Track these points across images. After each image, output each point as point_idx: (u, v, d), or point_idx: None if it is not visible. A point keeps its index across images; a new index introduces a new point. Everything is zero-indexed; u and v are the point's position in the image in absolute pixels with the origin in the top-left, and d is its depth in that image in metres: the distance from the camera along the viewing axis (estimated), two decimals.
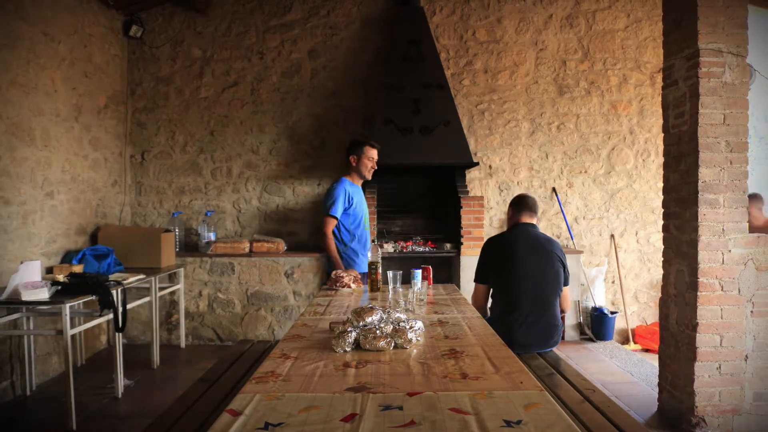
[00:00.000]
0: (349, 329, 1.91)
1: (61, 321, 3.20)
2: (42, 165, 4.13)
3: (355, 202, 3.70)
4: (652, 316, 5.43)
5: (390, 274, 3.00)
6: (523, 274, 3.04)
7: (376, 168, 3.79)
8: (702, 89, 3.08)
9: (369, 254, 3.03)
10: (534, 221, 3.22)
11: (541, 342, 3.08)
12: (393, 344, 1.88)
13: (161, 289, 4.74)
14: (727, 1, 3.07)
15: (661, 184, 3.61)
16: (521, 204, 3.23)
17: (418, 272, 3.00)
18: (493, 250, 3.19)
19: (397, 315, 2.06)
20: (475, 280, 3.23)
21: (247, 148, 5.60)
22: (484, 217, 5.24)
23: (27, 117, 3.93)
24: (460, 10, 5.52)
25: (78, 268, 4.05)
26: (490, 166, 5.56)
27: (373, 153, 3.74)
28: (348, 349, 1.86)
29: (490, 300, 3.24)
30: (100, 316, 3.54)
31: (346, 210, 3.66)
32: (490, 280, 3.16)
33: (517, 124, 5.55)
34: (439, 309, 2.70)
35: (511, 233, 3.20)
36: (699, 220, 3.09)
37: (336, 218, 3.65)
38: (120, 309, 3.59)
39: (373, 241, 3.02)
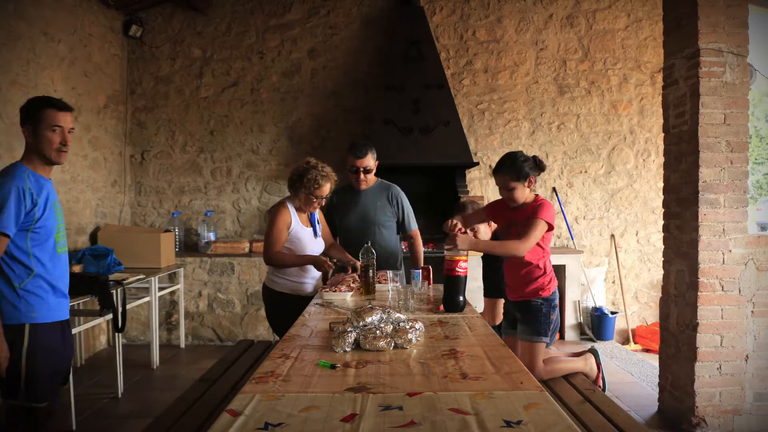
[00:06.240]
0: (349, 329, 1.90)
1: None
2: None
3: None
4: (652, 316, 5.43)
5: (390, 273, 3.00)
6: None
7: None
8: (702, 89, 3.07)
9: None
10: None
11: None
12: (393, 344, 1.88)
13: (161, 289, 4.74)
14: (727, 0, 3.07)
15: (661, 184, 3.60)
16: None
17: (418, 272, 3.00)
18: None
19: (397, 315, 2.05)
20: None
21: (247, 148, 5.59)
22: None
23: None
24: (460, 10, 5.51)
25: (77, 268, 4.04)
26: (490, 166, 5.55)
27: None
28: (348, 349, 1.85)
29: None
30: (100, 316, 3.53)
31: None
32: None
33: (517, 123, 5.55)
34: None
35: None
36: (699, 220, 3.09)
37: None
38: (120, 309, 3.58)
39: (366, 242, 2.98)
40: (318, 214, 3.30)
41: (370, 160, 3.43)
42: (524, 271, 2.80)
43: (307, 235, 3.14)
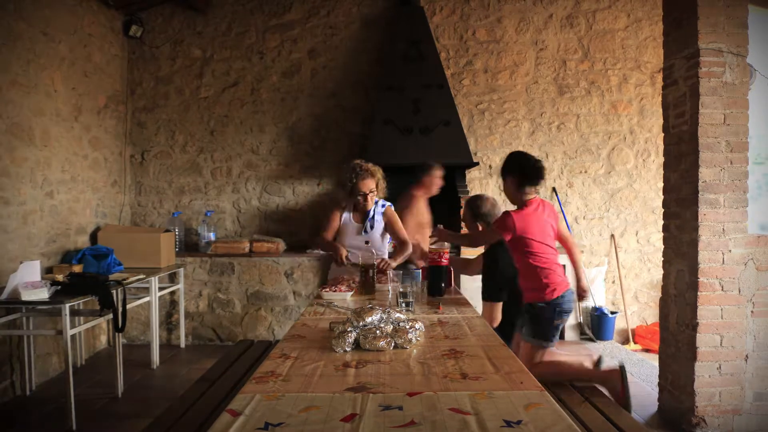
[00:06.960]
0: (349, 329, 1.91)
1: (61, 321, 3.20)
2: (42, 165, 4.12)
3: None
4: (652, 316, 5.43)
5: (390, 273, 3.00)
6: None
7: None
8: (702, 89, 3.08)
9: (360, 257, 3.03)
10: None
11: None
12: (393, 344, 1.88)
13: (161, 289, 4.74)
14: (727, 0, 3.07)
15: (661, 184, 3.60)
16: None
17: (418, 272, 3.00)
18: None
19: (397, 315, 2.05)
20: None
21: (247, 148, 5.59)
22: None
23: (27, 117, 3.92)
24: (460, 10, 5.52)
25: (78, 268, 4.04)
26: (490, 166, 5.56)
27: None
28: (348, 349, 1.85)
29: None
30: (100, 316, 3.53)
31: None
32: None
33: (517, 123, 5.55)
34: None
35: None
36: (699, 219, 3.09)
37: None
38: (120, 309, 3.59)
39: (366, 242, 3.05)
40: (385, 218, 3.52)
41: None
42: (522, 278, 3.03)
43: (351, 229, 3.45)
